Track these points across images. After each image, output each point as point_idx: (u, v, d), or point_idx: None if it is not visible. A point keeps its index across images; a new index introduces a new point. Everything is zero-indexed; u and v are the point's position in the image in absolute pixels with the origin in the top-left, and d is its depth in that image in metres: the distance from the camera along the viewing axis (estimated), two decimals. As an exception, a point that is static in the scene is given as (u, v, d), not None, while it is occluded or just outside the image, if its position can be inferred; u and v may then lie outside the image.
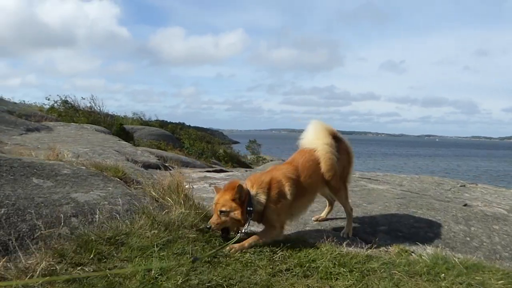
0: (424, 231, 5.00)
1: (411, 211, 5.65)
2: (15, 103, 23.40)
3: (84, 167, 5.48)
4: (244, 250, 3.99)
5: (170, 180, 4.77)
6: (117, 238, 3.64)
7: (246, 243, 4.05)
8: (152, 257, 3.48)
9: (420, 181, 9.39)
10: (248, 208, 4.15)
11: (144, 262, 3.37)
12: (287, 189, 4.32)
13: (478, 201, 7.33)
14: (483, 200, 7.53)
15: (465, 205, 6.58)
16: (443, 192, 8.32)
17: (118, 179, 5.36)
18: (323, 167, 4.55)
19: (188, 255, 3.62)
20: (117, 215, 4.02)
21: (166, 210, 4.30)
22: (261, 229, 4.43)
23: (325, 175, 4.58)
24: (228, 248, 3.91)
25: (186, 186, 4.82)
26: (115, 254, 3.46)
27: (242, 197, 4.12)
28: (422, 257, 4.39)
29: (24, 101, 26.94)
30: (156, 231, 3.84)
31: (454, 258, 4.27)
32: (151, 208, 4.22)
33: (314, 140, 4.71)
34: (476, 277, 3.94)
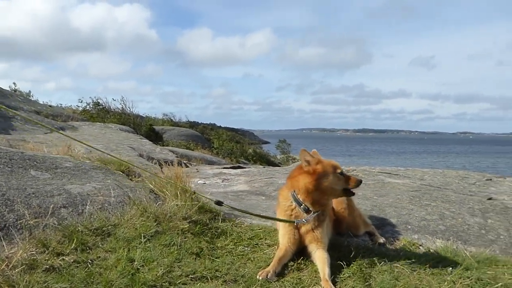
0: (436, 223, 4.71)
1: (424, 204, 5.35)
2: (50, 106, 24.12)
3: (88, 161, 5.48)
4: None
5: (168, 173, 4.67)
6: (104, 229, 3.58)
7: None
8: (138, 248, 3.39)
9: (443, 175, 8.96)
10: None
11: (128, 253, 3.29)
12: None
13: (505, 194, 6.90)
14: (511, 194, 7.09)
15: (490, 198, 6.20)
16: (467, 186, 7.90)
17: (121, 173, 5.34)
18: None
19: (176, 246, 3.52)
20: (109, 206, 3.97)
21: (160, 202, 4.22)
22: None
23: None
24: None
25: (195, 180, 4.72)
26: (100, 245, 3.40)
27: None
28: (431, 250, 4.13)
29: (61, 104, 27.82)
30: (145, 222, 3.75)
31: (465, 252, 4.00)
32: (144, 199, 4.14)
33: None
34: (488, 272, 3.66)
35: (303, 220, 3.59)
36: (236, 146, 32.05)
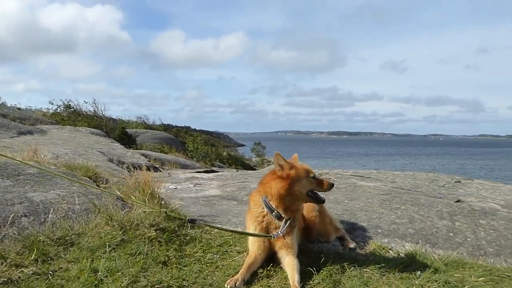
0: (405, 227, 4.75)
1: (394, 207, 5.39)
2: (19, 109, 23.43)
3: (54, 167, 5.30)
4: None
5: (136, 179, 4.56)
6: (67, 238, 3.45)
7: None
8: (102, 257, 3.28)
9: (413, 178, 9.10)
10: None
11: (91, 263, 3.17)
12: None
13: (473, 196, 7.05)
14: (478, 196, 7.24)
15: (458, 201, 6.31)
16: (436, 188, 8.03)
17: (88, 179, 5.19)
18: None
19: (142, 255, 3.42)
20: (73, 214, 3.83)
21: (127, 209, 4.11)
22: None
23: None
24: None
25: (167, 185, 4.61)
26: (62, 255, 3.27)
27: None
28: (400, 254, 4.15)
29: (30, 107, 27.06)
30: (110, 231, 3.63)
31: (434, 255, 4.04)
32: (111, 207, 4.02)
33: None
34: (455, 274, 3.70)
35: (279, 232, 3.51)
36: (211, 149, 31.90)
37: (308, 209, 4.08)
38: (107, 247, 3.42)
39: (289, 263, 3.42)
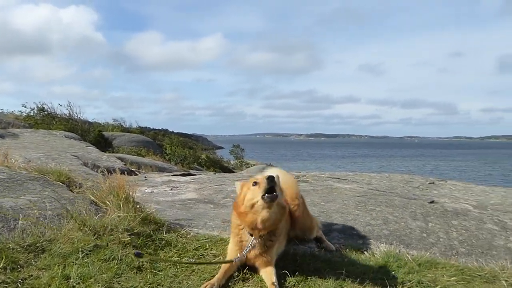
0: (380, 228, 4.81)
1: (370, 209, 5.46)
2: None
3: (25, 172, 5.18)
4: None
5: (111, 183, 4.49)
6: (37, 245, 3.36)
7: None
8: (74, 264, 3.21)
9: (389, 179, 9.26)
10: None
11: (63, 270, 3.10)
12: None
13: (446, 197, 7.21)
14: (451, 197, 7.41)
15: (432, 202, 6.44)
16: (411, 189, 8.19)
17: (60, 183, 5.08)
18: None
19: (116, 261, 3.36)
20: (45, 220, 3.74)
21: (101, 214, 4.04)
22: None
23: None
24: None
25: (143, 188, 4.54)
26: (33, 262, 3.18)
27: None
28: (375, 255, 4.20)
29: (2, 110, 26.37)
30: (83, 236, 3.56)
31: (407, 255, 4.10)
32: (84, 212, 3.94)
33: None
34: (428, 274, 3.77)
35: (243, 253, 3.41)
36: (189, 152, 31.73)
37: (291, 197, 3.96)
38: (79, 253, 3.34)
39: (266, 271, 3.39)
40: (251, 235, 3.45)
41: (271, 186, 3.24)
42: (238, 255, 3.44)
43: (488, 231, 4.98)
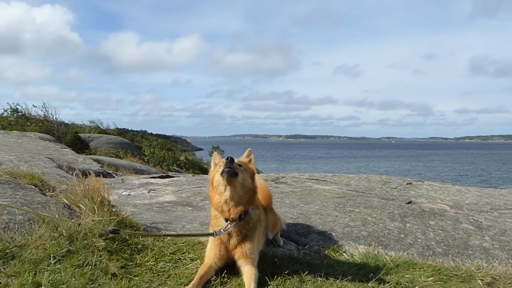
0: (359, 229, 4.82)
1: (348, 210, 5.47)
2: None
3: (-5, 175, 5.00)
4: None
5: (85, 186, 4.37)
6: (7, 251, 3.23)
7: None
8: (46, 270, 3.10)
9: (367, 180, 9.31)
10: None
11: (34, 277, 2.99)
12: None
13: (423, 198, 7.28)
14: (428, 197, 7.49)
15: (409, 202, 6.49)
16: (389, 190, 8.25)
17: (33, 187, 4.93)
18: None
19: (90, 266, 3.26)
20: (15, 225, 3.60)
21: (75, 218, 3.92)
22: None
23: None
24: None
25: (120, 191, 4.43)
26: (1, 269, 3.06)
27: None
28: (354, 256, 4.21)
29: None
30: (56, 241, 3.45)
31: (386, 256, 4.12)
32: (56, 216, 3.82)
33: None
34: (406, 275, 3.79)
35: (222, 230, 3.45)
36: (168, 153, 31.42)
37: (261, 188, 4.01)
38: (51, 259, 3.23)
39: (247, 272, 3.35)
40: (227, 220, 3.48)
41: (229, 166, 3.34)
42: (215, 253, 3.47)
43: (464, 231, 5.04)
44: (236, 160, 3.46)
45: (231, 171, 3.33)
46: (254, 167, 3.69)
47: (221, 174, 3.35)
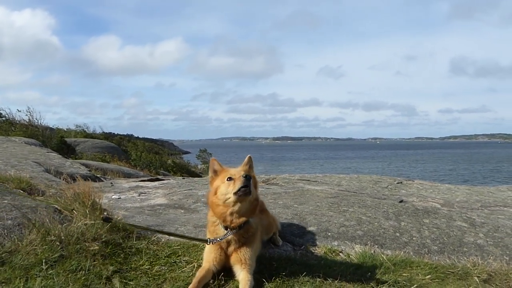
0: (354, 229, 4.79)
1: (343, 210, 5.44)
2: None
3: (-19, 180, 4.87)
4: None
5: (75, 190, 4.27)
6: (-3, 257, 3.13)
7: None
8: (38, 276, 3.01)
9: (358, 180, 9.34)
10: None
11: (26, 283, 2.89)
12: None
13: (414, 196, 7.31)
14: (419, 196, 7.52)
15: (401, 201, 6.50)
16: (380, 190, 8.28)
17: (21, 191, 4.81)
18: None
19: (83, 271, 3.17)
20: (4, 231, 3.50)
21: (66, 222, 3.82)
22: None
23: None
24: None
25: (110, 195, 4.34)
26: (-9, 276, 2.96)
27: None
28: (350, 256, 4.18)
29: None
30: (48, 246, 3.35)
31: (382, 255, 4.10)
32: (47, 220, 3.71)
33: None
34: (404, 274, 3.78)
35: (218, 239, 3.37)
36: (155, 157, 31.24)
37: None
38: (43, 264, 3.14)
39: (243, 279, 3.28)
40: (226, 228, 3.40)
41: (246, 184, 3.24)
42: (214, 256, 3.39)
43: (458, 228, 5.04)
44: (244, 173, 3.33)
45: (247, 191, 3.24)
46: (255, 175, 3.60)
47: (236, 193, 3.24)
